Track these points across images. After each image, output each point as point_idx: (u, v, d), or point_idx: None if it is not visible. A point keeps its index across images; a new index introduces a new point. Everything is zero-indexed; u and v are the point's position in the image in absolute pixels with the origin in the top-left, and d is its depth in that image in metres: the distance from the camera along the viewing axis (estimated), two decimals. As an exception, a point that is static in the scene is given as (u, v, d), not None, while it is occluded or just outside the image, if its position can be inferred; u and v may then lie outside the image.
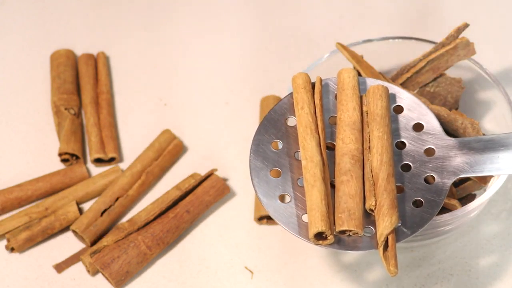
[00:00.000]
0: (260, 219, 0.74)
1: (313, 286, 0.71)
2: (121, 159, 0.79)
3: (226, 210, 0.75)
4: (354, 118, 0.63)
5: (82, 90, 0.82)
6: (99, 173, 0.77)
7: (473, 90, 0.75)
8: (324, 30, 0.86)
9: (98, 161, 0.78)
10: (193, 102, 0.82)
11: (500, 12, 0.87)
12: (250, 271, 0.72)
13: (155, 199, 0.76)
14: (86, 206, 0.76)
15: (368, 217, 0.60)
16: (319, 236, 0.60)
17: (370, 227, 0.60)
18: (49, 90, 0.83)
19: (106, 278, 0.71)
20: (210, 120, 0.81)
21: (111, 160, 0.79)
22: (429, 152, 0.63)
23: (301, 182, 0.61)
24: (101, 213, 0.74)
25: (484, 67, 0.72)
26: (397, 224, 0.59)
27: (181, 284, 0.72)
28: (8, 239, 0.73)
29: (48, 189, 0.76)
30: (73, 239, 0.74)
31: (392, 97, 0.65)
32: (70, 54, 0.84)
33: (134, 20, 0.88)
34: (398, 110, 0.65)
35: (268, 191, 0.62)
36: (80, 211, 0.76)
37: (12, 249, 0.74)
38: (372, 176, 0.61)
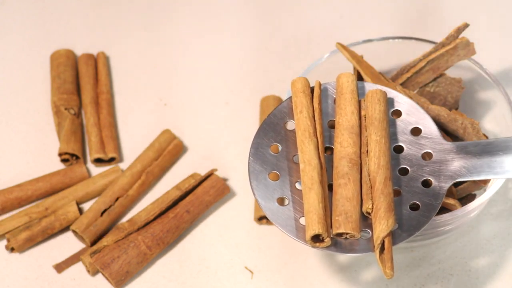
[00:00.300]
0: (260, 219, 0.74)
1: (313, 286, 0.71)
2: (121, 159, 0.79)
3: (226, 210, 0.75)
4: (352, 122, 0.63)
5: (82, 90, 0.82)
6: (99, 173, 0.77)
7: (473, 90, 0.75)
8: (324, 30, 0.86)
9: (98, 161, 0.78)
10: (193, 102, 0.82)
11: (500, 12, 0.87)
12: (250, 271, 0.72)
13: (155, 199, 0.76)
14: (86, 206, 0.76)
15: (365, 220, 0.61)
16: (316, 239, 0.60)
17: (367, 230, 0.60)
18: (49, 90, 0.83)
19: (106, 278, 0.71)
20: (210, 120, 0.81)
21: (111, 160, 0.79)
22: (427, 156, 0.63)
23: (300, 185, 0.62)
24: (101, 213, 0.74)
25: (484, 67, 0.72)
26: (394, 227, 0.60)
27: (181, 284, 0.72)
28: (8, 239, 0.73)
29: (48, 189, 0.76)
30: (73, 239, 0.74)
31: (390, 102, 0.65)
32: (70, 54, 0.84)
33: (134, 20, 0.88)
34: (396, 114, 0.65)
35: (266, 194, 0.62)
36: (80, 211, 0.76)
37: (12, 249, 0.74)
38: (370, 179, 0.61)
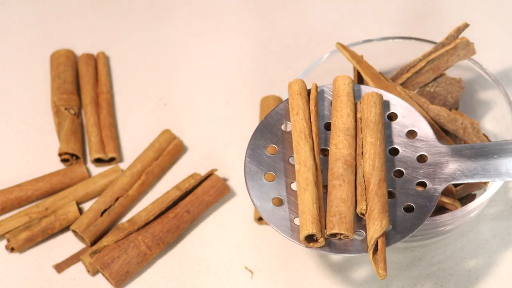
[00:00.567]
0: (260, 219, 0.74)
1: (313, 286, 0.71)
2: (121, 159, 0.79)
3: (226, 210, 0.75)
4: (348, 124, 0.63)
5: (82, 90, 0.82)
6: (99, 173, 0.77)
7: (473, 90, 0.75)
8: (324, 30, 0.86)
9: (98, 161, 0.78)
10: (193, 102, 0.82)
11: (500, 12, 0.87)
12: (250, 271, 0.72)
13: (155, 199, 0.76)
14: (86, 206, 0.76)
15: (360, 221, 0.61)
16: (310, 239, 0.60)
17: (361, 231, 0.61)
18: (49, 90, 0.83)
19: (106, 278, 0.71)
20: (210, 120, 0.81)
21: (111, 160, 0.79)
22: (422, 158, 0.63)
23: (295, 186, 0.62)
24: (101, 213, 0.74)
25: (484, 67, 0.72)
26: (388, 228, 0.60)
27: (181, 284, 0.72)
28: (8, 239, 0.73)
29: (48, 189, 0.76)
30: (73, 239, 0.74)
31: (386, 104, 0.65)
32: (70, 54, 0.84)
33: (134, 20, 0.88)
34: (392, 117, 0.65)
35: (262, 194, 0.62)
36: (80, 211, 0.76)
37: (12, 249, 0.74)
38: (364, 181, 0.61)
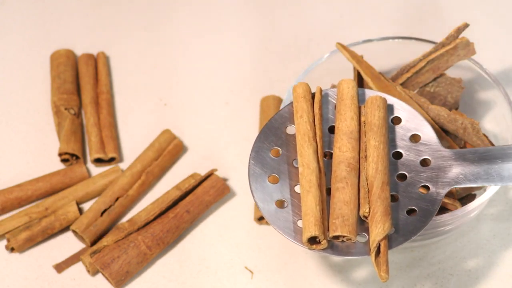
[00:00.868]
0: (260, 219, 0.74)
1: (313, 286, 0.71)
2: (121, 159, 0.79)
3: (226, 210, 0.75)
4: (351, 127, 0.64)
5: (82, 90, 0.82)
6: (99, 173, 0.77)
7: (473, 90, 0.75)
8: (324, 30, 0.86)
9: (98, 161, 0.78)
10: (193, 102, 0.82)
11: (500, 12, 0.87)
12: (250, 271, 0.72)
13: (155, 199, 0.76)
14: (86, 206, 0.76)
15: (362, 224, 0.61)
16: (313, 241, 0.60)
17: (364, 233, 0.61)
18: (49, 90, 0.83)
19: (106, 278, 0.71)
20: (210, 120, 0.81)
21: (111, 160, 0.79)
22: (425, 162, 0.64)
23: (299, 188, 0.62)
24: (101, 213, 0.74)
25: (484, 67, 0.72)
26: (390, 231, 0.60)
27: (181, 284, 0.72)
28: (8, 239, 0.73)
29: (48, 189, 0.76)
30: (73, 239, 0.74)
31: (390, 108, 0.65)
32: (70, 54, 0.84)
33: (134, 20, 0.88)
34: (396, 121, 0.65)
35: (266, 196, 0.62)
36: (80, 211, 0.76)
37: (12, 249, 0.74)
38: (367, 184, 0.61)
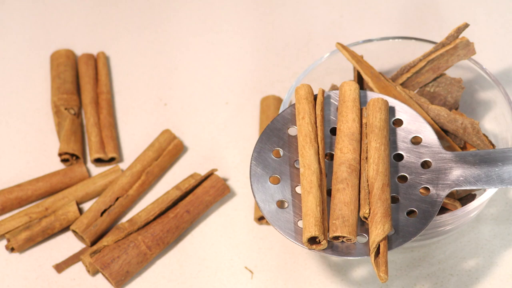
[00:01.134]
0: (260, 219, 0.74)
1: (313, 286, 0.71)
2: (121, 159, 0.79)
3: (226, 210, 0.75)
4: (353, 129, 0.64)
5: (82, 90, 0.82)
6: (99, 173, 0.77)
7: (473, 90, 0.75)
8: (324, 30, 0.86)
9: (98, 161, 0.78)
10: (193, 102, 0.82)
11: (500, 12, 0.87)
12: (250, 271, 0.72)
13: (155, 199, 0.76)
14: (86, 206, 0.76)
15: (363, 225, 0.61)
16: (313, 241, 0.60)
17: (364, 234, 0.61)
18: (49, 90, 0.83)
19: (106, 278, 0.71)
20: (210, 120, 0.81)
21: (111, 160, 0.79)
22: (426, 164, 0.64)
23: (299, 189, 0.62)
24: (101, 213, 0.74)
25: (484, 67, 0.72)
26: (390, 232, 0.60)
27: (181, 284, 0.72)
28: (8, 239, 0.73)
29: (48, 189, 0.76)
30: (73, 239, 0.74)
31: (392, 111, 0.66)
32: (70, 54, 0.84)
33: (134, 20, 0.88)
34: (397, 123, 0.66)
35: (267, 197, 0.62)
36: (80, 211, 0.76)
37: (12, 249, 0.74)
38: (368, 185, 0.62)
